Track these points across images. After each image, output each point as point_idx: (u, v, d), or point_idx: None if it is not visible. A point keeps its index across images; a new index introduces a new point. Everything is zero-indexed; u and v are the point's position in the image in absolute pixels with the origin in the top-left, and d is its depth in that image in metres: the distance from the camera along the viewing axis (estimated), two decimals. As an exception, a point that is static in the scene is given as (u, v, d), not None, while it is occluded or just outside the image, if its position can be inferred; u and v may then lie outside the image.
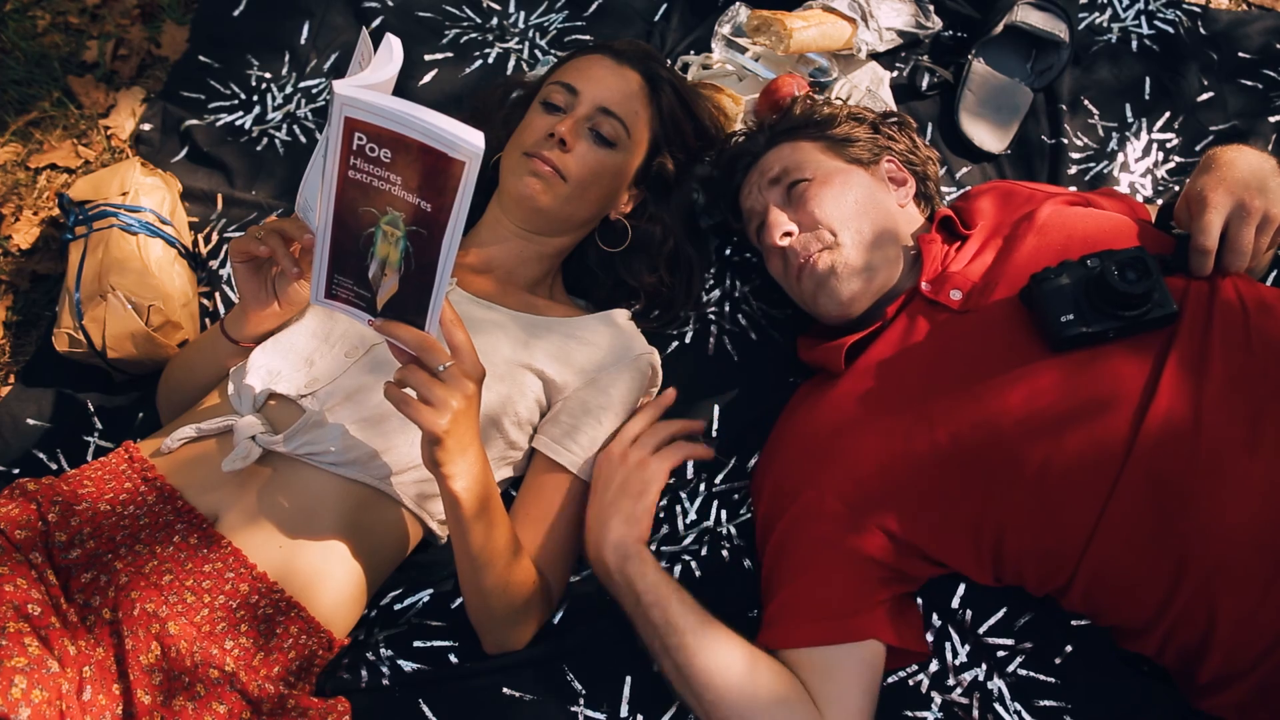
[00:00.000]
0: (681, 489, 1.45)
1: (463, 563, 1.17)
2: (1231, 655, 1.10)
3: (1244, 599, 1.07)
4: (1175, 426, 1.10)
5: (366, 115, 0.85)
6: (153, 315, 1.48)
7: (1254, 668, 1.08)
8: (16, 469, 1.49)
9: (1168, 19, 1.93)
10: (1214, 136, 1.80)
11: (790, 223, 1.38)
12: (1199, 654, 1.12)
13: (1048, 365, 1.17)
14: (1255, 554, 1.06)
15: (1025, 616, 1.32)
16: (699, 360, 1.56)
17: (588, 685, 1.28)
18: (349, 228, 0.94)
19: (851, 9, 1.78)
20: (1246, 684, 1.10)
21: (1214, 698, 1.14)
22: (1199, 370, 1.13)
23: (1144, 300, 1.15)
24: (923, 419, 1.20)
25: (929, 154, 1.53)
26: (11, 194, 1.82)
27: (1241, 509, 1.07)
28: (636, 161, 1.44)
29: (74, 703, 0.95)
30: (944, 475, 1.18)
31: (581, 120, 1.37)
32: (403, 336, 1.00)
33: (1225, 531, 1.07)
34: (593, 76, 1.41)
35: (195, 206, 1.73)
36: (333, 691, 1.23)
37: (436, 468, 1.05)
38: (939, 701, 1.28)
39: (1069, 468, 1.13)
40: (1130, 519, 1.11)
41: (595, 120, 1.38)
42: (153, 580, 1.08)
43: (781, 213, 1.39)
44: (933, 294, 1.30)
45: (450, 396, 1.01)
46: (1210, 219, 1.17)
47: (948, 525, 1.20)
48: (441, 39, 1.92)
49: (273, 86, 1.88)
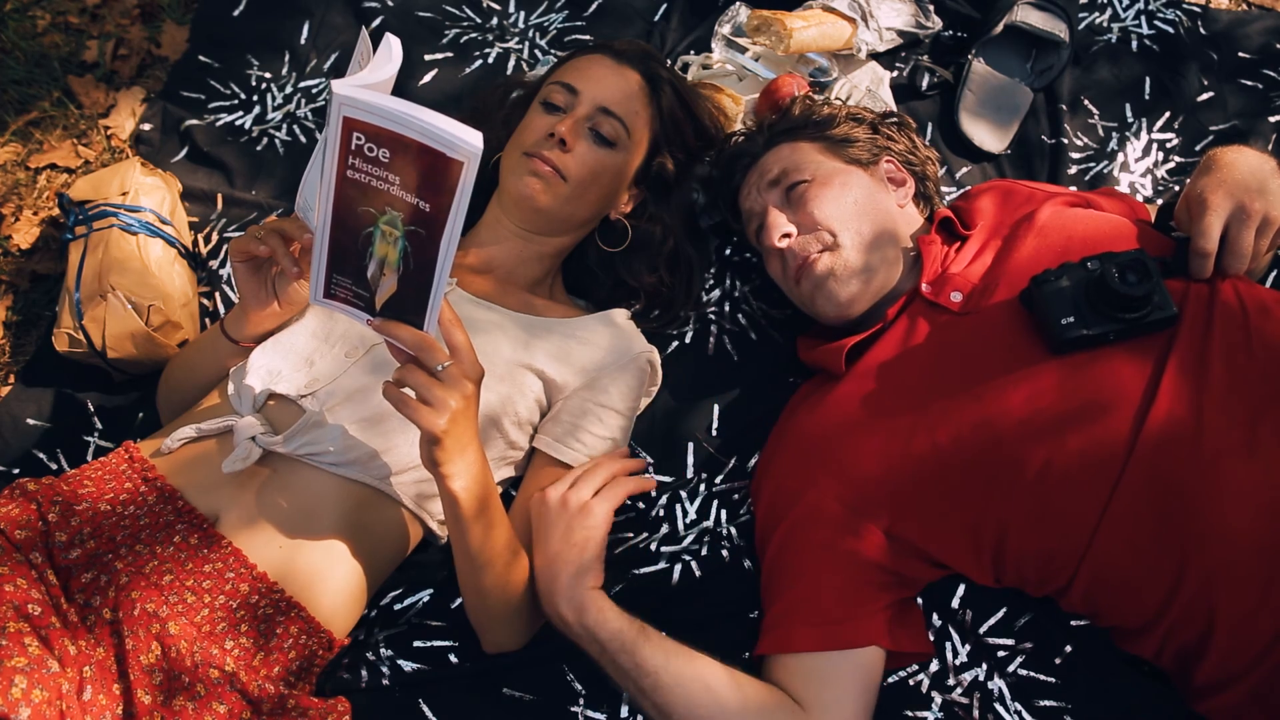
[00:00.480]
0: (682, 488, 1.45)
1: (462, 562, 1.17)
2: (1228, 658, 1.09)
3: (1243, 601, 1.07)
4: (1176, 429, 1.10)
5: (365, 115, 0.85)
6: (153, 315, 1.48)
7: (1250, 670, 1.08)
8: (16, 469, 1.49)
9: (1168, 19, 1.93)
10: (1214, 136, 1.80)
11: (789, 224, 1.37)
12: (1196, 655, 1.12)
13: (1048, 367, 1.17)
14: (1255, 556, 1.06)
15: (1025, 617, 1.32)
16: (699, 360, 1.56)
17: (588, 685, 1.28)
18: (348, 227, 0.94)
19: (851, 9, 1.78)
20: (1243, 686, 1.10)
21: (1210, 700, 1.14)
22: (1199, 373, 1.13)
23: (1144, 303, 1.15)
24: (923, 421, 1.20)
25: (928, 154, 1.52)
26: (11, 194, 1.82)
27: (1242, 511, 1.07)
28: (636, 161, 1.44)
29: (74, 703, 0.95)
30: (944, 477, 1.18)
31: (581, 120, 1.37)
32: (401, 336, 1.00)
33: (1226, 533, 1.07)
34: (592, 76, 1.41)
35: (195, 206, 1.73)
36: (333, 691, 1.23)
37: (435, 467, 1.05)
38: (939, 701, 1.28)
39: (1070, 469, 1.13)
40: (1131, 521, 1.11)
41: (595, 120, 1.38)
42: (153, 580, 1.08)
43: (780, 214, 1.39)
44: (933, 295, 1.30)
45: (449, 396, 1.01)
46: (1210, 221, 1.17)
47: (948, 526, 1.20)
48: (441, 39, 1.93)
49: (273, 86, 1.88)
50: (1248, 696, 1.10)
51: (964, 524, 1.19)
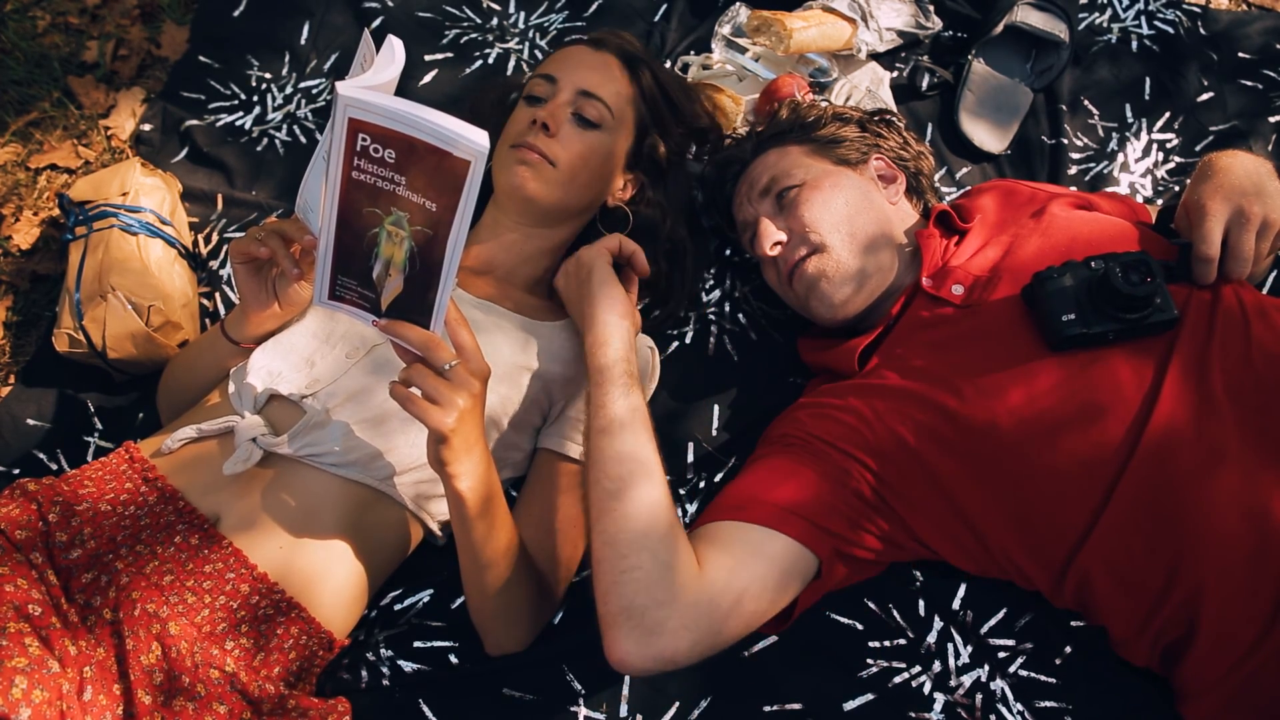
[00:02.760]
0: (682, 488, 1.45)
1: (465, 562, 1.17)
2: (1207, 662, 1.10)
3: (1227, 606, 1.07)
4: (1177, 434, 1.10)
5: (370, 116, 0.85)
6: (153, 315, 1.48)
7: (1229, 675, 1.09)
8: (16, 469, 1.49)
9: (1168, 19, 1.94)
10: (1214, 137, 1.80)
11: (779, 232, 1.38)
12: (1180, 658, 1.13)
13: (1048, 365, 1.17)
14: (1244, 563, 1.07)
15: (1025, 617, 1.32)
16: (699, 360, 1.56)
17: (588, 685, 1.28)
18: (353, 229, 0.94)
19: (851, 9, 1.78)
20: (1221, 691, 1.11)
21: (1192, 704, 1.16)
22: (1200, 379, 1.13)
23: (1146, 303, 1.15)
24: (927, 412, 1.20)
25: (920, 148, 1.52)
26: (11, 194, 1.81)
27: (1237, 519, 1.07)
28: (624, 143, 1.44)
29: (74, 703, 0.95)
30: (942, 467, 1.18)
31: (563, 105, 1.38)
32: (408, 336, 1.00)
33: (1219, 539, 1.07)
34: (570, 63, 1.42)
35: (195, 207, 1.73)
36: (333, 692, 1.23)
37: (442, 466, 1.05)
38: (942, 702, 1.28)
39: (1066, 468, 1.13)
40: (1127, 522, 1.11)
41: (577, 104, 1.38)
42: (153, 581, 1.08)
43: (771, 223, 1.39)
44: (934, 289, 1.31)
45: (456, 395, 1.01)
46: (1210, 227, 1.17)
47: (942, 514, 1.19)
48: (441, 39, 1.92)
49: (273, 87, 1.88)
50: (1226, 702, 1.11)
51: (957, 512, 1.18)
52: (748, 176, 1.48)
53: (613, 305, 1.25)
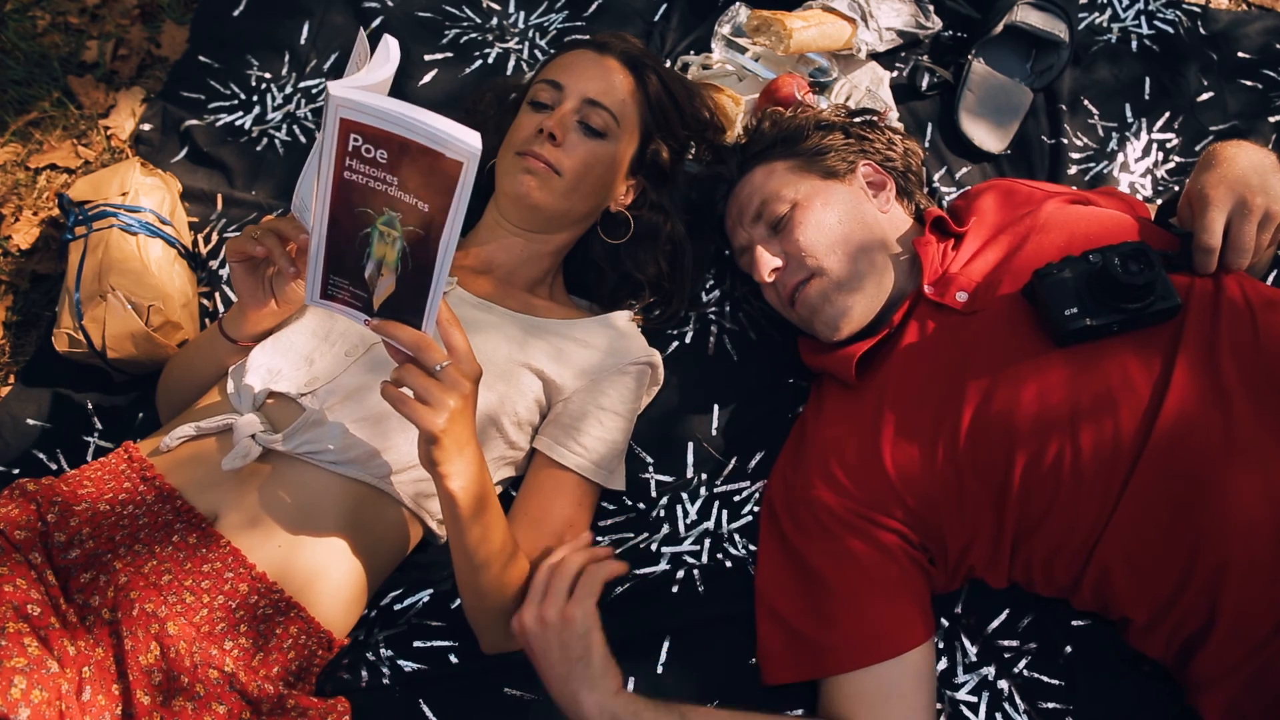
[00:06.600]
0: (682, 489, 1.45)
1: (460, 563, 1.16)
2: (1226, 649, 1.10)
3: (1248, 592, 1.07)
4: (1190, 421, 1.11)
5: (362, 116, 0.85)
6: (152, 315, 1.48)
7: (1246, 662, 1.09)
8: (16, 469, 1.49)
9: (1168, 19, 1.93)
10: (1214, 136, 1.80)
11: (775, 259, 1.38)
12: (1197, 648, 1.13)
13: (1055, 361, 1.18)
14: (1266, 548, 1.07)
15: (1027, 618, 1.32)
16: (699, 360, 1.56)
17: (587, 685, 1.28)
18: (345, 228, 0.94)
19: (851, 9, 1.77)
20: (1239, 678, 1.10)
21: (1206, 693, 1.15)
22: (1209, 366, 1.13)
23: (1147, 292, 1.15)
24: (938, 424, 1.20)
25: (907, 144, 1.51)
26: (11, 194, 1.82)
27: (1255, 503, 1.07)
28: (629, 151, 1.44)
29: (73, 703, 0.95)
30: (961, 478, 1.18)
31: (569, 114, 1.38)
32: (399, 336, 1.00)
33: (1238, 525, 1.08)
34: (576, 70, 1.41)
35: (195, 206, 1.73)
36: (333, 691, 1.23)
37: (433, 467, 1.05)
38: (948, 699, 1.28)
39: (1082, 463, 1.13)
40: (1144, 512, 1.11)
41: (583, 112, 1.38)
42: (152, 580, 1.08)
43: (766, 250, 1.39)
44: (937, 297, 1.30)
45: (447, 396, 1.01)
46: (1212, 217, 1.17)
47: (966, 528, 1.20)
48: (441, 39, 1.92)
49: (273, 86, 1.88)
50: (1243, 689, 1.11)
51: (982, 522, 1.19)
52: (737, 199, 1.47)
53: (606, 689, 1.12)
